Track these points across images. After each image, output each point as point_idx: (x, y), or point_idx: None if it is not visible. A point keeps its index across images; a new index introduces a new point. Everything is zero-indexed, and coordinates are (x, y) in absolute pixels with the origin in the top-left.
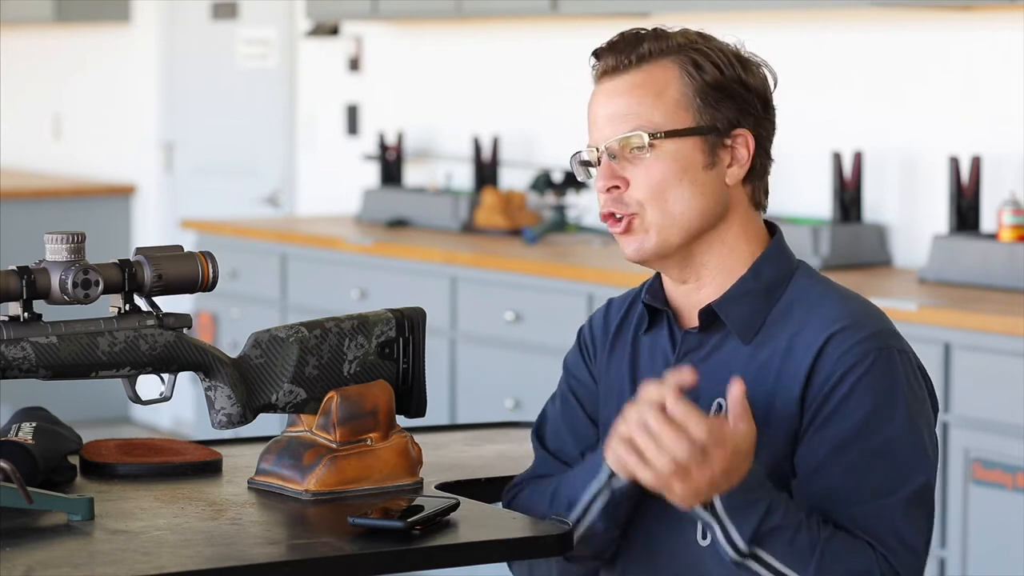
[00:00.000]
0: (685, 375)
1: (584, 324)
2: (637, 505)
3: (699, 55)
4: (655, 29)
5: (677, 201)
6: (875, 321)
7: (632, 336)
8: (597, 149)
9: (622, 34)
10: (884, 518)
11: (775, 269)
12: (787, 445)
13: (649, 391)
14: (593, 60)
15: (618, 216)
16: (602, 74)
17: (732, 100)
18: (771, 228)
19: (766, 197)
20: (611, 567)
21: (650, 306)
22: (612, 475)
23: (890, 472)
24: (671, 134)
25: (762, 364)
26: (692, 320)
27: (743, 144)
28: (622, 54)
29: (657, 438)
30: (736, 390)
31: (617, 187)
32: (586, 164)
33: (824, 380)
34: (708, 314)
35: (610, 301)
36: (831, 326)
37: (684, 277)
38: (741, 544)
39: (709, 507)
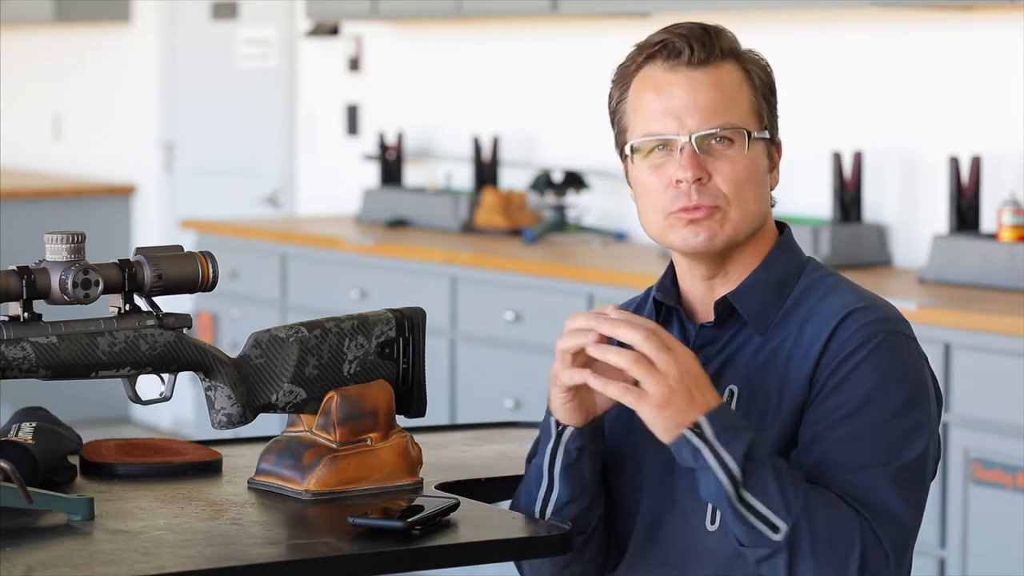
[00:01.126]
0: (608, 308)
1: None
2: (610, 470)
3: (750, 63)
4: (715, 27)
5: (752, 201)
6: (885, 307)
7: None
8: (679, 139)
9: (688, 26)
10: (873, 487)
11: (786, 264)
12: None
13: (576, 319)
14: (656, 46)
15: (699, 207)
16: (684, 63)
17: (772, 109)
18: (779, 225)
19: None
20: (620, 562)
21: (660, 305)
22: (560, 427)
23: (885, 446)
24: (759, 135)
25: (773, 351)
26: (704, 315)
27: (778, 150)
28: (703, 47)
29: (614, 332)
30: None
31: (700, 179)
32: (633, 152)
33: (832, 357)
34: (724, 306)
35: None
36: (843, 309)
37: (715, 272)
38: (736, 469)
39: (697, 431)
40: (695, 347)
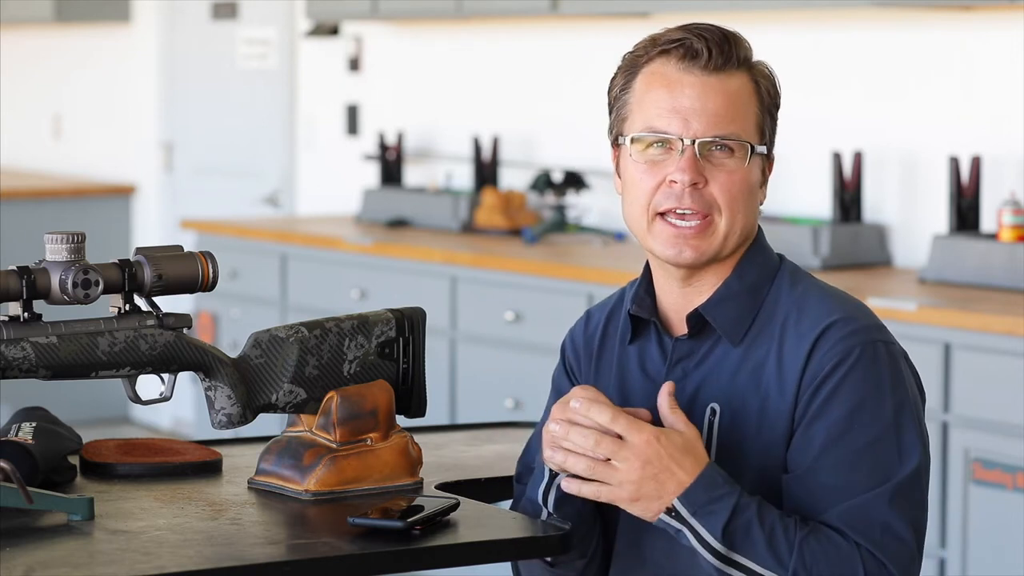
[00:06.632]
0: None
1: (565, 338)
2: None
3: (761, 75)
4: (735, 33)
5: (743, 214)
6: (861, 316)
7: (618, 347)
8: (682, 140)
9: (709, 29)
10: (871, 512)
11: (758, 268)
12: (785, 447)
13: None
14: (675, 43)
15: (691, 212)
16: (700, 66)
17: (774, 124)
18: None
19: None
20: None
21: (636, 317)
22: (553, 474)
23: (877, 467)
24: (759, 148)
25: (755, 366)
26: (680, 325)
27: (770, 167)
28: (721, 53)
29: (566, 439)
30: (663, 393)
31: (697, 183)
32: (632, 143)
33: (812, 377)
34: (696, 318)
35: (588, 313)
36: (819, 323)
37: (693, 281)
38: (716, 543)
39: (674, 514)
40: (673, 361)
